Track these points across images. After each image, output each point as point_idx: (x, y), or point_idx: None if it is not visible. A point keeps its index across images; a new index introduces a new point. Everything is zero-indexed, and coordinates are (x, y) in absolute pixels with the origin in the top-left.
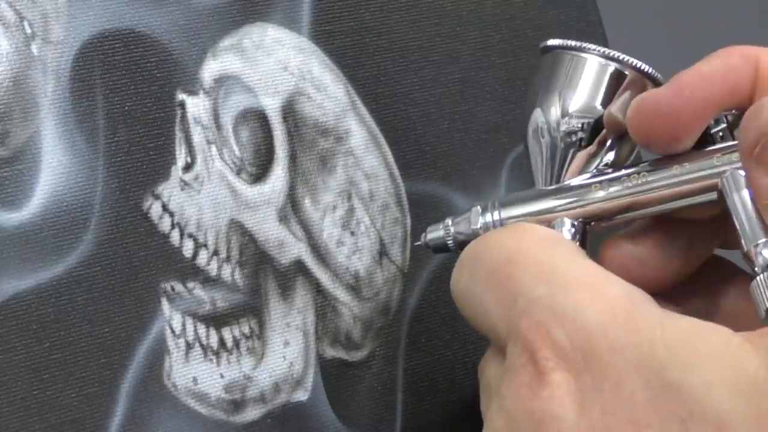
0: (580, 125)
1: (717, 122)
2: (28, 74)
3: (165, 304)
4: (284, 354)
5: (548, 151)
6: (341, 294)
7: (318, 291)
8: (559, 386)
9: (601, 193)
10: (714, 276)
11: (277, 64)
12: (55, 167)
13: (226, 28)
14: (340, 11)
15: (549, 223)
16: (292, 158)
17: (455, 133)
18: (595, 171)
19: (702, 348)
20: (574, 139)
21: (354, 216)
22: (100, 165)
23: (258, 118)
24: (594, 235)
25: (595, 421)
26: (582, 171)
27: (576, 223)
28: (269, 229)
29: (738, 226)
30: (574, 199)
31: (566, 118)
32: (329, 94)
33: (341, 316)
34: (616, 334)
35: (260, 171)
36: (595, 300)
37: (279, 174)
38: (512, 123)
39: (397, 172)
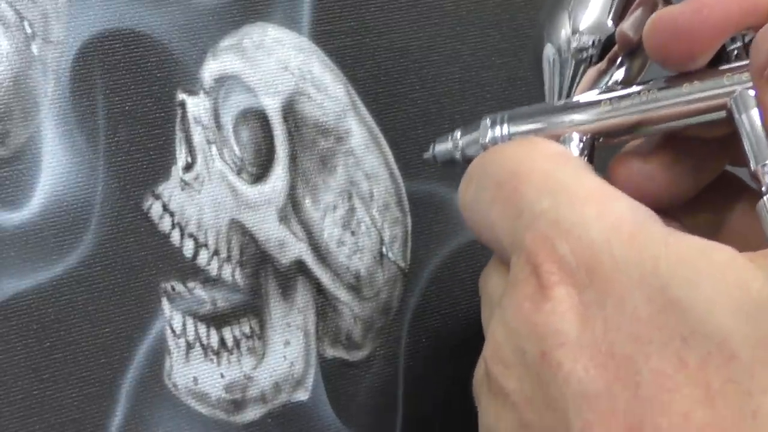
0: (590, 42)
1: (733, 40)
2: (28, 74)
3: (165, 304)
4: (285, 354)
5: (558, 67)
6: (342, 294)
7: (319, 291)
8: (562, 300)
9: (610, 109)
10: (721, 192)
11: (277, 64)
12: (55, 167)
13: (226, 28)
14: (340, 11)
15: (557, 138)
16: (293, 158)
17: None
18: (604, 87)
19: (705, 267)
20: (584, 56)
21: (354, 216)
22: (100, 165)
23: (258, 118)
24: (603, 152)
25: (597, 336)
26: (592, 87)
27: (584, 138)
28: (270, 229)
29: (746, 146)
30: (583, 114)
31: (577, 35)
32: (329, 94)
33: (342, 316)
34: (621, 251)
35: (260, 171)
36: (601, 216)
37: (279, 174)
38: None
39: (397, 172)
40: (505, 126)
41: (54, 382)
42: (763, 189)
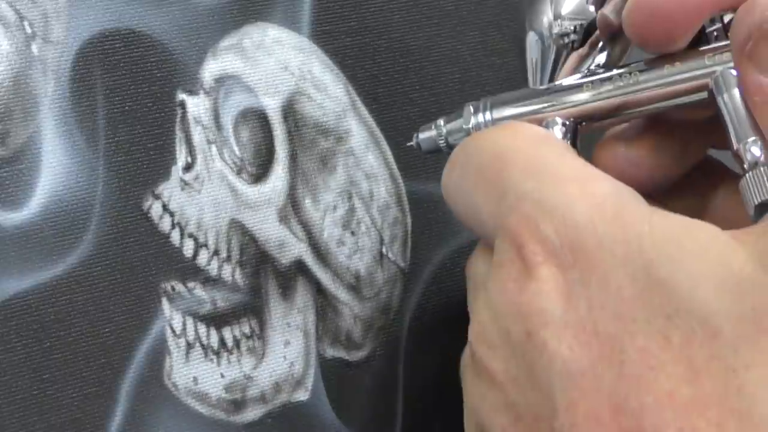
0: (572, 27)
1: (713, 21)
2: (28, 74)
3: (165, 304)
4: (285, 354)
5: (541, 52)
6: (342, 294)
7: (318, 291)
8: (546, 280)
9: (592, 93)
10: (704, 175)
11: (277, 64)
12: (55, 167)
13: (226, 28)
14: (340, 11)
15: (541, 123)
16: (293, 158)
17: None
18: (586, 72)
19: (689, 245)
20: (566, 41)
21: (354, 216)
22: (100, 165)
23: (258, 117)
24: (586, 137)
25: (581, 316)
26: (574, 72)
27: (567, 122)
28: (270, 229)
29: (728, 125)
30: (566, 98)
31: (558, 20)
32: (329, 94)
33: (342, 316)
34: (604, 230)
35: (261, 171)
36: (584, 196)
37: (279, 174)
38: None
39: (397, 172)
40: (488, 112)
41: (54, 382)
42: (745, 166)
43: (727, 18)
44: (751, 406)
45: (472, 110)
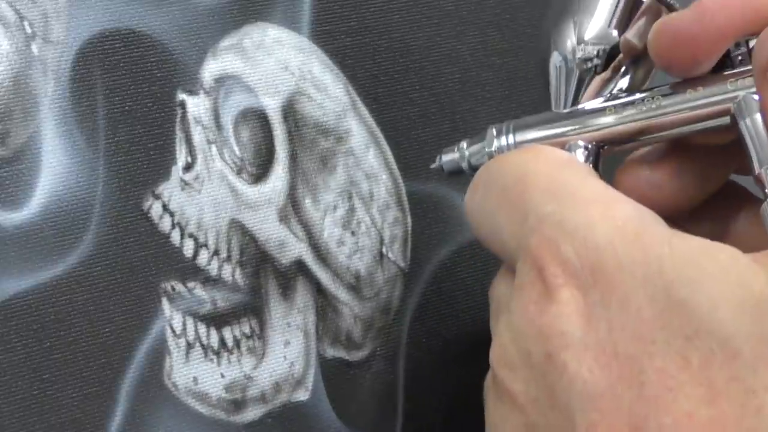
0: (595, 52)
1: (737, 46)
2: (28, 74)
3: (165, 304)
4: (285, 354)
5: (564, 75)
6: (342, 294)
7: (318, 291)
8: (567, 303)
9: (614, 117)
10: (726, 201)
11: (277, 64)
12: (55, 167)
13: (226, 28)
14: (340, 11)
15: (563, 146)
16: (293, 158)
17: (455, 133)
18: (609, 95)
19: (709, 266)
20: (589, 65)
21: (354, 216)
22: (100, 165)
23: (258, 117)
24: (609, 160)
25: (601, 338)
26: (597, 96)
27: (590, 146)
28: (270, 229)
29: (750, 150)
30: (588, 121)
31: (582, 45)
32: (329, 94)
33: (342, 316)
34: (625, 252)
35: (261, 171)
36: (605, 217)
37: (279, 174)
38: None
39: (397, 172)
40: (511, 135)
41: (54, 382)
42: (767, 191)
43: (752, 43)
44: None
45: (494, 133)
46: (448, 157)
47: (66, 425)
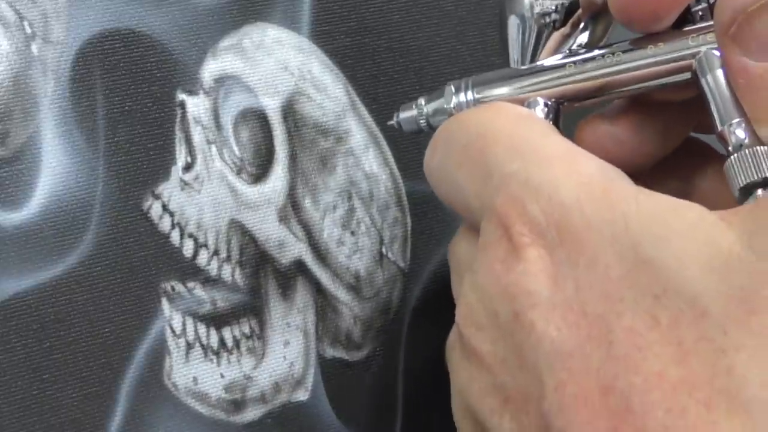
0: (553, 7)
1: (698, 1)
2: (28, 74)
3: (165, 304)
4: (284, 354)
5: (522, 32)
6: (341, 294)
7: (318, 291)
8: (534, 261)
9: (574, 73)
10: (690, 159)
11: (277, 64)
12: (55, 167)
13: (226, 28)
14: (340, 11)
15: (523, 103)
16: (293, 158)
17: None
18: (568, 51)
19: (676, 224)
20: (547, 20)
21: (354, 216)
22: (100, 165)
23: (258, 118)
24: (568, 117)
25: (569, 296)
26: (556, 52)
27: (549, 102)
28: (269, 229)
29: (712, 107)
30: (548, 78)
31: (540, 0)
32: (329, 94)
33: (341, 316)
34: (591, 210)
35: (260, 171)
36: (570, 175)
37: (279, 174)
38: None
39: (397, 172)
40: (470, 92)
41: (54, 382)
42: (730, 148)
43: None
44: (740, 387)
45: (453, 89)
46: (405, 114)
47: (66, 425)
